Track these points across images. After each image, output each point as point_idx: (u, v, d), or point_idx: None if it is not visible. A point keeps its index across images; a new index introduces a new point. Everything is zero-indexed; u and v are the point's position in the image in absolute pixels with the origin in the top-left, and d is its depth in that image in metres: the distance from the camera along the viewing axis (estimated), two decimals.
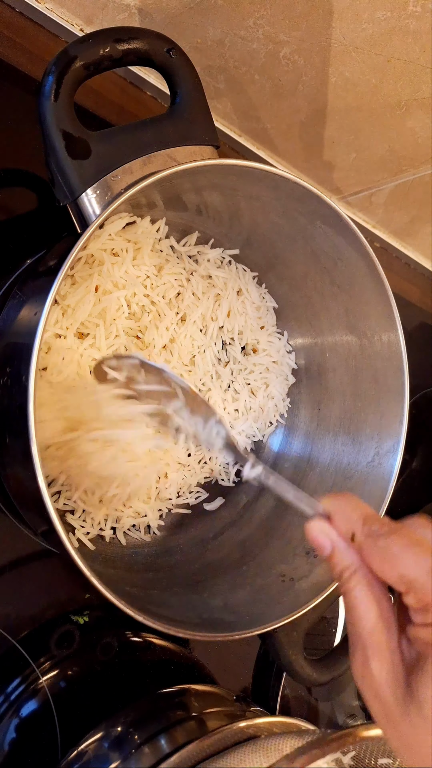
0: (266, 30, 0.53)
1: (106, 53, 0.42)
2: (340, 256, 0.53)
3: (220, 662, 0.59)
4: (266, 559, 0.56)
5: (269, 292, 0.62)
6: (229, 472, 0.60)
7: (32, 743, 0.47)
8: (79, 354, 0.49)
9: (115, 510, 0.52)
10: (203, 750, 0.38)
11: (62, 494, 0.50)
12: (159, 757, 0.39)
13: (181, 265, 0.56)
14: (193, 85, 0.46)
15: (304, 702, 0.63)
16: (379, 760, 0.36)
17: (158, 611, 0.46)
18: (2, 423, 0.42)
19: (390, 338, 0.53)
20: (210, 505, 0.59)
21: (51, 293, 0.38)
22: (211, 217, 0.56)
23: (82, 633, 0.52)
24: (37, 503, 0.38)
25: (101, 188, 0.42)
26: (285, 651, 0.52)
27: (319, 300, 0.59)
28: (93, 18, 0.55)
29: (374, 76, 0.55)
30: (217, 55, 0.57)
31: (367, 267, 0.51)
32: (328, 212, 0.49)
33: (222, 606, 0.50)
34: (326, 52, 0.54)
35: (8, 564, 0.50)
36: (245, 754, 0.36)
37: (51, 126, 0.41)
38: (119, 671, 0.52)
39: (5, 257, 0.52)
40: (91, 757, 0.42)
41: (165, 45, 0.45)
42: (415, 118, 0.59)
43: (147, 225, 0.53)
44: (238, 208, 0.54)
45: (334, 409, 0.60)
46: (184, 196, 0.52)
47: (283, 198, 0.50)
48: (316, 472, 0.59)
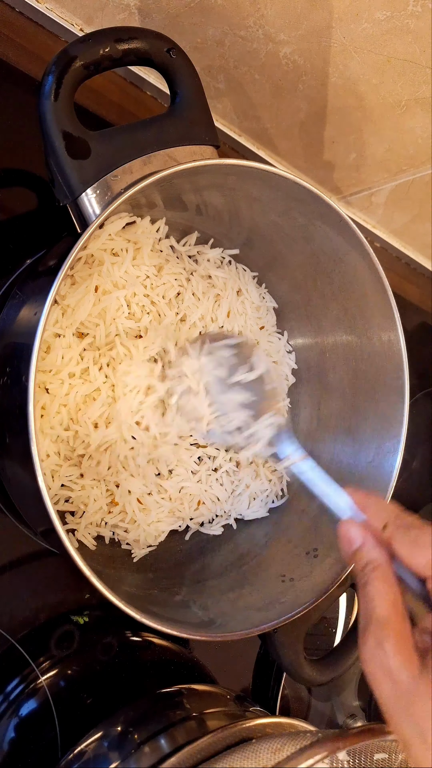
0: (266, 30, 0.53)
1: (106, 53, 0.42)
2: (340, 256, 0.53)
3: (220, 662, 0.59)
4: (266, 559, 0.56)
5: (269, 292, 0.62)
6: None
7: (32, 743, 0.47)
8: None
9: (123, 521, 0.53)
10: (203, 750, 0.38)
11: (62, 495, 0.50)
12: (159, 757, 0.39)
13: (181, 265, 0.56)
14: (193, 85, 0.46)
15: (304, 702, 0.63)
16: (374, 755, 0.36)
17: (158, 611, 0.46)
18: (2, 423, 0.42)
19: (390, 338, 0.53)
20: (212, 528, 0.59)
21: (51, 293, 0.38)
22: (211, 217, 0.56)
23: (82, 633, 0.52)
24: (37, 503, 0.38)
25: (101, 188, 0.42)
26: (285, 651, 0.52)
27: (319, 300, 0.59)
28: (93, 18, 0.55)
29: (374, 76, 0.55)
30: (217, 55, 0.57)
31: (367, 267, 0.51)
32: (328, 212, 0.49)
33: (222, 606, 0.50)
34: (326, 52, 0.54)
35: (8, 564, 0.50)
36: (245, 755, 0.36)
37: (51, 126, 0.41)
38: (119, 671, 0.52)
39: (5, 257, 0.52)
40: (91, 757, 0.42)
41: (165, 45, 0.45)
42: (415, 118, 0.59)
43: (147, 225, 0.53)
44: (238, 208, 0.54)
45: (334, 409, 0.60)
46: (184, 196, 0.52)
47: (283, 198, 0.50)
48: None
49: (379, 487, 0.53)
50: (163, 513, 0.55)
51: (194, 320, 0.56)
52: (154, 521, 0.54)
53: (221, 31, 0.54)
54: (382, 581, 0.33)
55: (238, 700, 0.49)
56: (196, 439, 0.57)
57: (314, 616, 0.52)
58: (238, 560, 0.56)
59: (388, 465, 0.53)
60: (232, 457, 0.59)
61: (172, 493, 0.55)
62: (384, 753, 0.36)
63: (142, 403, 0.50)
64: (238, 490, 0.59)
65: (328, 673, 0.55)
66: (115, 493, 0.51)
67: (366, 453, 0.55)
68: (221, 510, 0.59)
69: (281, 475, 0.60)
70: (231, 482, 0.59)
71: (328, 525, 0.55)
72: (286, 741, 0.36)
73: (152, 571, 0.53)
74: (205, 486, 0.57)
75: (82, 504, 0.50)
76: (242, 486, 0.59)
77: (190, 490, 0.56)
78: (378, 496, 0.38)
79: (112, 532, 0.53)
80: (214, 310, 0.58)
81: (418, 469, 0.82)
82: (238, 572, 0.55)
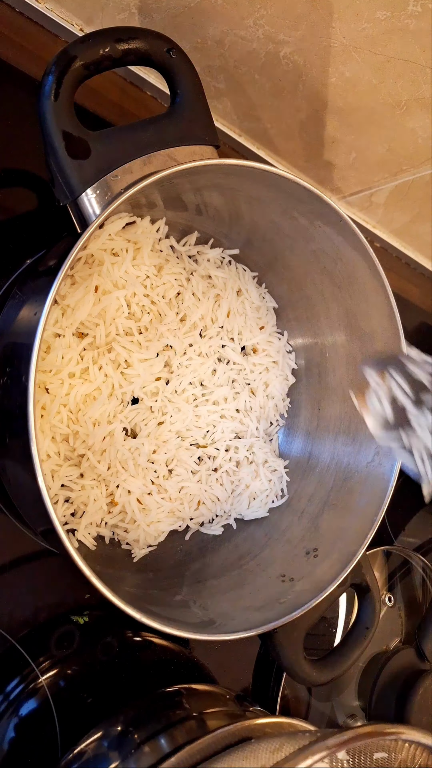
0: (266, 30, 0.53)
1: (106, 53, 0.42)
2: (340, 256, 0.53)
3: (220, 662, 0.59)
4: (266, 559, 0.56)
5: (269, 292, 0.62)
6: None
7: (32, 743, 0.47)
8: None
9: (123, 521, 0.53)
10: (203, 750, 0.38)
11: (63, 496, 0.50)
12: (159, 757, 0.39)
13: (181, 265, 0.56)
14: (193, 85, 0.46)
15: (304, 702, 0.63)
16: (374, 755, 0.36)
17: (158, 611, 0.46)
18: (2, 423, 0.42)
19: (390, 338, 0.53)
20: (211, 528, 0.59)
21: (51, 293, 0.38)
22: (211, 217, 0.56)
23: (82, 633, 0.52)
24: (37, 503, 0.38)
25: (101, 188, 0.42)
26: (285, 651, 0.52)
27: (319, 300, 0.59)
28: (93, 18, 0.55)
29: (374, 76, 0.55)
30: (217, 55, 0.57)
31: (367, 267, 0.51)
32: (328, 212, 0.49)
33: (222, 606, 0.50)
34: (326, 52, 0.54)
35: (8, 564, 0.50)
36: (245, 755, 0.36)
37: (51, 126, 0.41)
38: (119, 671, 0.52)
39: (5, 257, 0.52)
40: (91, 757, 0.42)
41: (165, 45, 0.45)
42: (415, 118, 0.59)
43: (147, 225, 0.53)
44: (238, 208, 0.54)
45: (334, 409, 0.60)
46: (184, 196, 0.52)
47: (283, 198, 0.50)
48: (316, 472, 0.59)
49: (379, 488, 0.53)
50: (163, 513, 0.55)
51: (194, 320, 0.56)
52: (154, 521, 0.54)
53: (221, 31, 0.54)
54: None
55: (238, 700, 0.49)
56: (196, 440, 0.57)
57: (314, 616, 0.52)
58: (238, 560, 0.56)
59: (388, 465, 0.53)
60: (232, 457, 0.59)
61: (172, 493, 0.55)
62: (384, 752, 0.36)
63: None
64: (238, 490, 0.59)
65: (328, 673, 0.55)
66: (115, 493, 0.51)
67: (366, 453, 0.55)
68: (221, 510, 0.59)
69: (281, 475, 0.60)
70: (231, 482, 0.59)
71: (327, 525, 0.55)
72: (286, 741, 0.36)
73: (152, 571, 0.53)
74: (205, 486, 0.57)
75: (82, 504, 0.50)
76: (242, 486, 0.59)
77: (190, 490, 0.56)
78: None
79: (112, 532, 0.53)
80: (214, 310, 0.58)
81: None
82: (238, 572, 0.55)
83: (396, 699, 0.65)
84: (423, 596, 0.74)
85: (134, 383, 0.52)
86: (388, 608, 0.70)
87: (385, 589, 0.70)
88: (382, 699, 0.65)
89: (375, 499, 0.52)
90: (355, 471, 0.56)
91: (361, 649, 0.56)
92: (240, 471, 0.59)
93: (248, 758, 0.36)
